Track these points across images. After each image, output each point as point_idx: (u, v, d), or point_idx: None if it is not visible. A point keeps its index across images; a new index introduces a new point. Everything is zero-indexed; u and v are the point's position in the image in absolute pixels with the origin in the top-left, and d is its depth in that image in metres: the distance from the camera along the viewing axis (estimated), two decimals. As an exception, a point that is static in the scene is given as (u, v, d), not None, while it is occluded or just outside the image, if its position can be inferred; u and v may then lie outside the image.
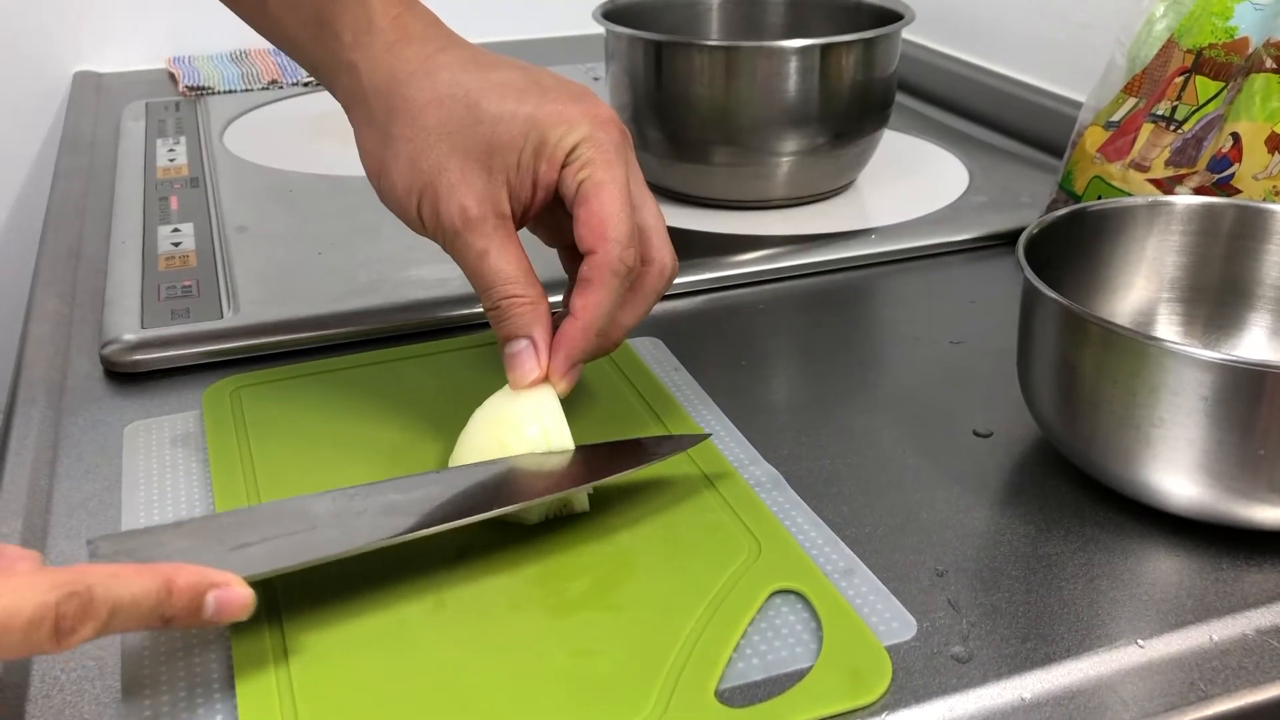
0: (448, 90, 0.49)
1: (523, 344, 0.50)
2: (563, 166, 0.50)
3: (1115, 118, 0.73)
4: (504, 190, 0.49)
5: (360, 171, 0.53)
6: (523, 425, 0.49)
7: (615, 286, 0.49)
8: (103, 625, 0.35)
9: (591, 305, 0.49)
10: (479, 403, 0.51)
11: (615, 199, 0.49)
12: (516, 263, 0.50)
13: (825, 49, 0.77)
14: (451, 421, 0.52)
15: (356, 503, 0.46)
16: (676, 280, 0.71)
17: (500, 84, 0.50)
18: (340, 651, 0.42)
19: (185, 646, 0.43)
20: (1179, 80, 0.71)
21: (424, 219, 0.50)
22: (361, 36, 0.50)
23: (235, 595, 0.39)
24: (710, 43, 0.78)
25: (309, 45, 0.53)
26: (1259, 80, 0.66)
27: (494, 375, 0.53)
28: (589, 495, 0.50)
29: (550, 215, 0.53)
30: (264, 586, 0.45)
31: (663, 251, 0.52)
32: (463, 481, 0.47)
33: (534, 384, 0.50)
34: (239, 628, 0.43)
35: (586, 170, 0.49)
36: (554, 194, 0.51)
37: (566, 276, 0.56)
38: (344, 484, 0.51)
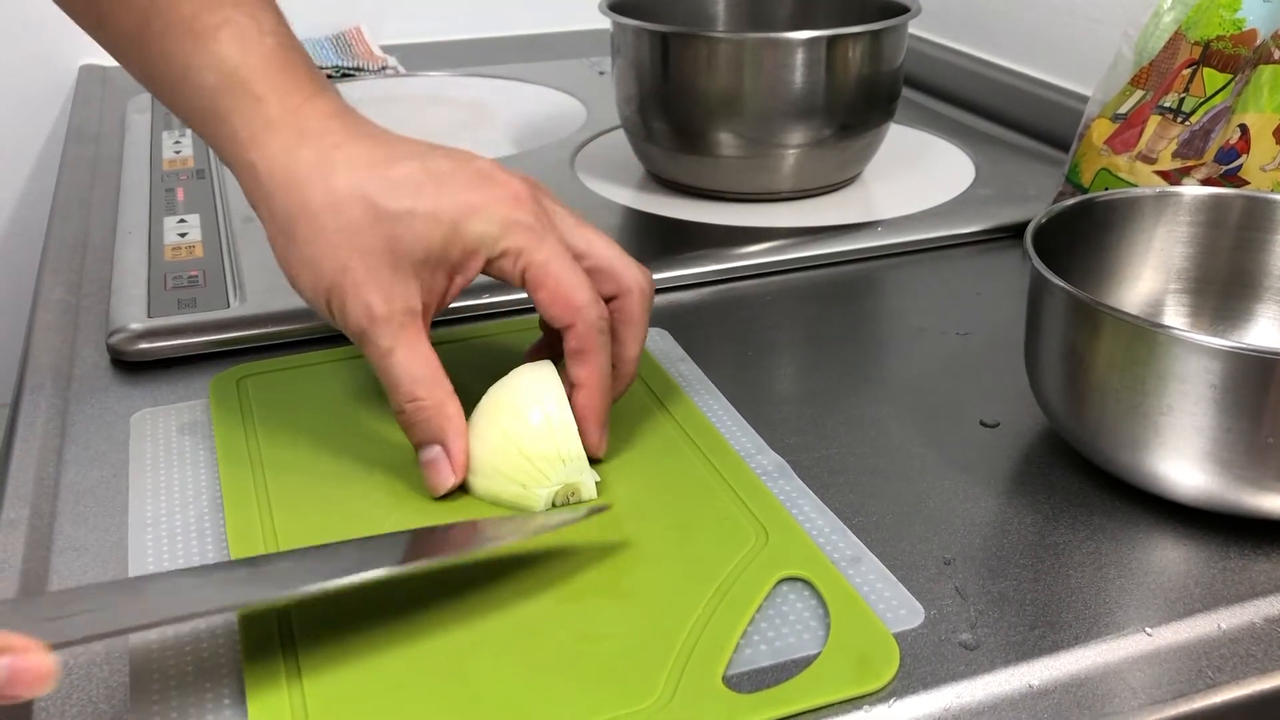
0: (345, 193, 0.48)
1: (434, 451, 0.49)
2: (492, 259, 0.49)
3: (1122, 110, 0.73)
4: (414, 285, 0.49)
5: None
6: (526, 411, 0.49)
7: (603, 344, 0.50)
8: None
9: (593, 371, 0.50)
10: (483, 392, 0.51)
11: (565, 271, 0.49)
12: (424, 363, 0.49)
13: (832, 41, 0.77)
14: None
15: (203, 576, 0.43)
16: (683, 272, 0.72)
17: (397, 181, 0.49)
18: (348, 638, 0.42)
19: (193, 637, 0.43)
20: (1186, 72, 0.71)
21: (333, 314, 0.50)
22: (258, 135, 0.50)
23: (33, 663, 0.34)
24: (717, 34, 0.78)
25: (209, 138, 0.52)
26: (1267, 72, 0.66)
27: (498, 365, 0.53)
28: (596, 483, 0.50)
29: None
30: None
31: (631, 274, 0.52)
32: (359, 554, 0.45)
33: (451, 489, 0.49)
34: (245, 617, 0.43)
35: (523, 258, 0.49)
36: (475, 277, 0.50)
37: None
38: (349, 472, 0.52)
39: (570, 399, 0.50)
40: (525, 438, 0.49)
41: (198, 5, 0.50)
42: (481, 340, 0.63)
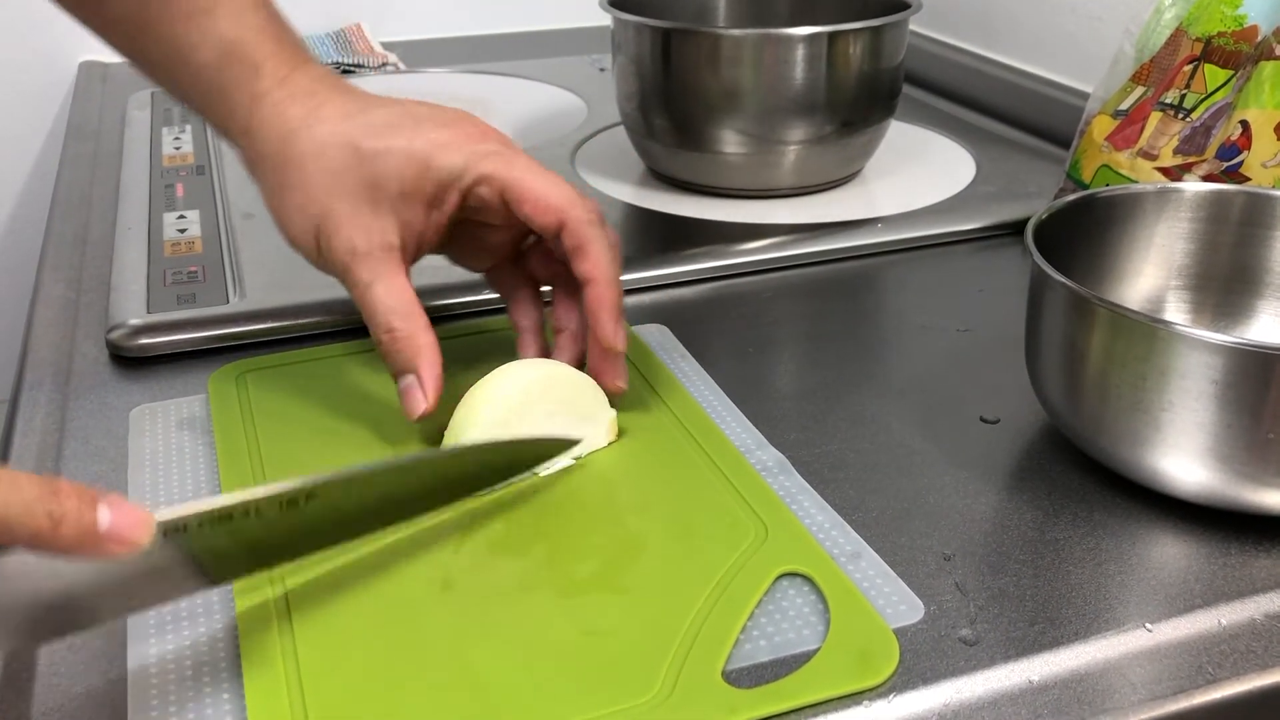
0: (329, 138, 0.52)
1: (409, 379, 0.52)
2: (469, 189, 0.52)
3: (1123, 106, 0.73)
4: (391, 222, 0.52)
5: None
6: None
7: (601, 235, 0.52)
8: None
9: (595, 263, 0.52)
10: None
11: (541, 179, 0.52)
12: (399, 295, 0.52)
13: (833, 37, 0.76)
14: (455, 406, 0.52)
15: None
16: (683, 268, 0.72)
17: (376, 124, 0.53)
18: (348, 632, 0.42)
19: (192, 633, 0.43)
20: (1188, 68, 0.70)
21: (320, 257, 0.53)
22: (255, 102, 0.53)
23: (131, 509, 0.36)
24: (717, 30, 0.78)
25: (209, 114, 0.55)
26: (1268, 68, 0.65)
27: (498, 360, 0.53)
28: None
29: (468, 239, 0.56)
30: (271, 572, 0.45)
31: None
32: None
33: (423, 416, 0.51)
34: (244, 611, 0.43)
35: (498, 178, 0.52)
36: (453, 214, 0.53)
37: (498, 295, 0.59)
38: (349, 462, 0.51)
39: (584, 299, 0.52)
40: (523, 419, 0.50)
41: None
42: (479, 337, 0.63)
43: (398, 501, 0.46)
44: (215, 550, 0.40)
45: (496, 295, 0.60)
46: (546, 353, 0.57)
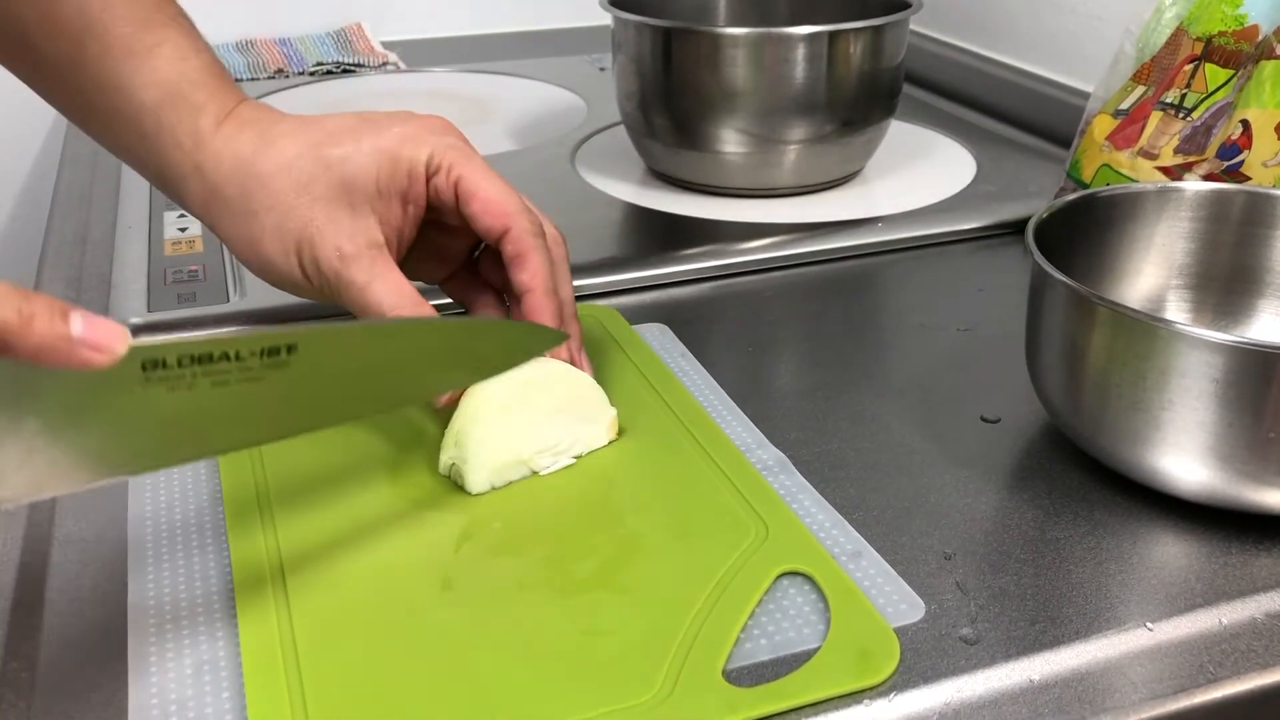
0: (292, 151, 0.52)
1: None
2: (429, 178, 0.52)
3: (1124, 106, 0.73)
4: (373, 220, 0.52)
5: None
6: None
7: (542, 246, 0.52)
8: None
9: (534, 273, 0.52)
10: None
11: (493, 183, 0.52)
12: (399, 289, 0.51)
13: (833, 36, 0.76)
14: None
15: None
16: (683, 267, 0.72)
17: (334, 130, 0.52)
18: (348, 631, 0.42)
19: (192, 630, 0.43)
20: (1188, 68, 0.70)
21: (308, 273, 0.52)
22: (201, 138, 0.52)
23: (106, 321, 0.35)
24: (718, 29, 0.78)
25: (149, 157, 0.53)
26: (1269, 67, 0.65)
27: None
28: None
29: (425, 245, 0.56)
30: (271, 566, 0.45)
31: (545, 220, 0.54)
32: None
33: (448, 404, 0.51)
34: (245, 609, 0.43)
35: (455, 170, 0.52)
36: (425, 209, 0.53)
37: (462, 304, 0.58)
38: (349, 461, 0.52)
39: (522, 309, 0.52)
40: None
41: (134, 26, 0.52)
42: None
43: (384, 372, 0.45)
44: (205, 409, 0.39)
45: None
46: None
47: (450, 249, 0.56)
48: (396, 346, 0.46)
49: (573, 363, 0.53)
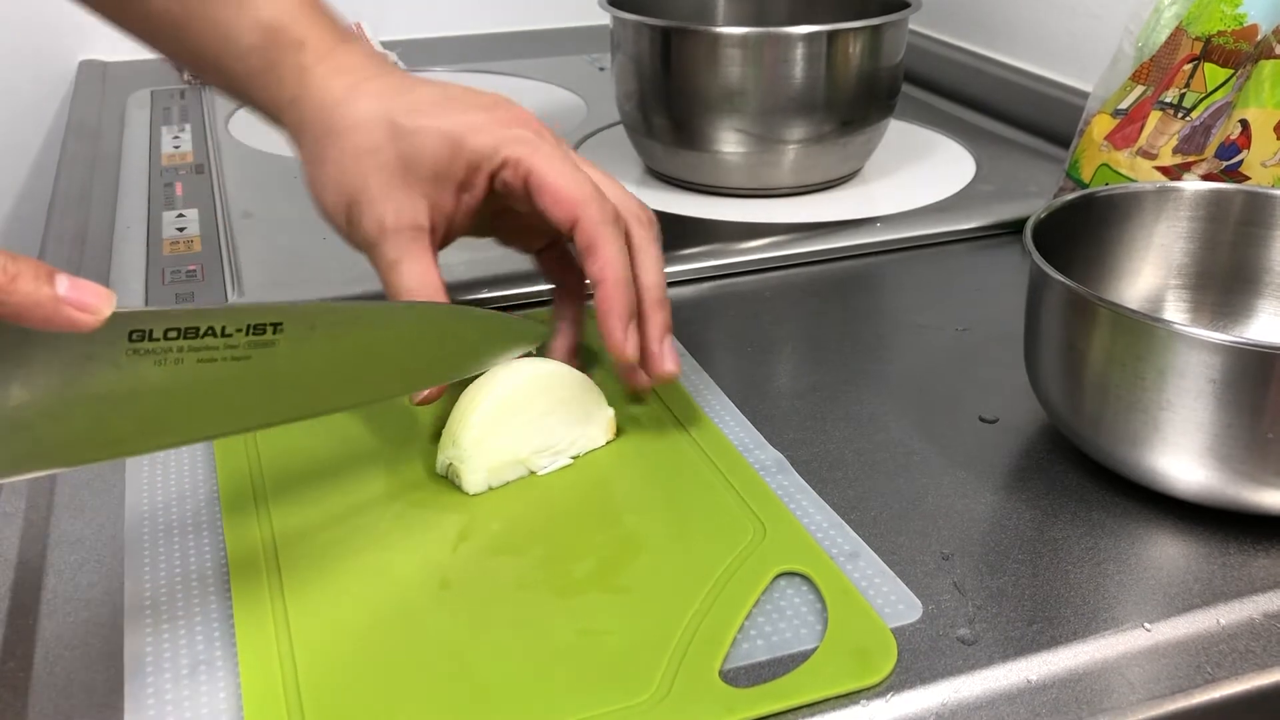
0: (368, 114, 0.52)
1: None
2: (496, 172, 0.52)
3: (1123, 105, 0.73)
4: (423, 203, 0.52)
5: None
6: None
7: (614, 235, 0.51)
8: None
9: (606, 264, 0.50)
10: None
11: (565, 171, 0.51)
12: (423, 278, 0.52)
13: (832, 36, 0.76)
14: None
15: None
16: (682, 267, 0.71)
17: (414, 103, 0.53)
18: (345, 631, 0.42)
19: (188, 629, 0.43)
20: (1187, 68, 0.70)
21: (351, 231, 0.53)
22: (301, 75, 0.54)
23: (91, 284, 0.35)
24: (717, 29, 0.78)
25: (254, 95, 0.56)
26: (1268, 67, 0.65)
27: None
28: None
29: (513, 219, 0.56)
30: (268, 567, 0.45)
31: (626, 206, 0.53)
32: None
33: (424, 403, 0.52)
34: (241, 609, 0.43)
35: (523, 165, 0.51)
36: (482, 200, 0.53)
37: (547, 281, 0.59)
38: (347, 462, 0.52)
39: (595, 302, 0.52)
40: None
41: None
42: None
43: (367, 357, 0.45)
44: (192, 387, 0.39)
45: (508, 292, 0.60)
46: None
47: (542, 224, 0.55)
48: (378, 330, 0.46)
49: (646, 355, 0.52)
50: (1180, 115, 0.70)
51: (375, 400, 0.48)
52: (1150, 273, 0.58)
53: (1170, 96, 0.71)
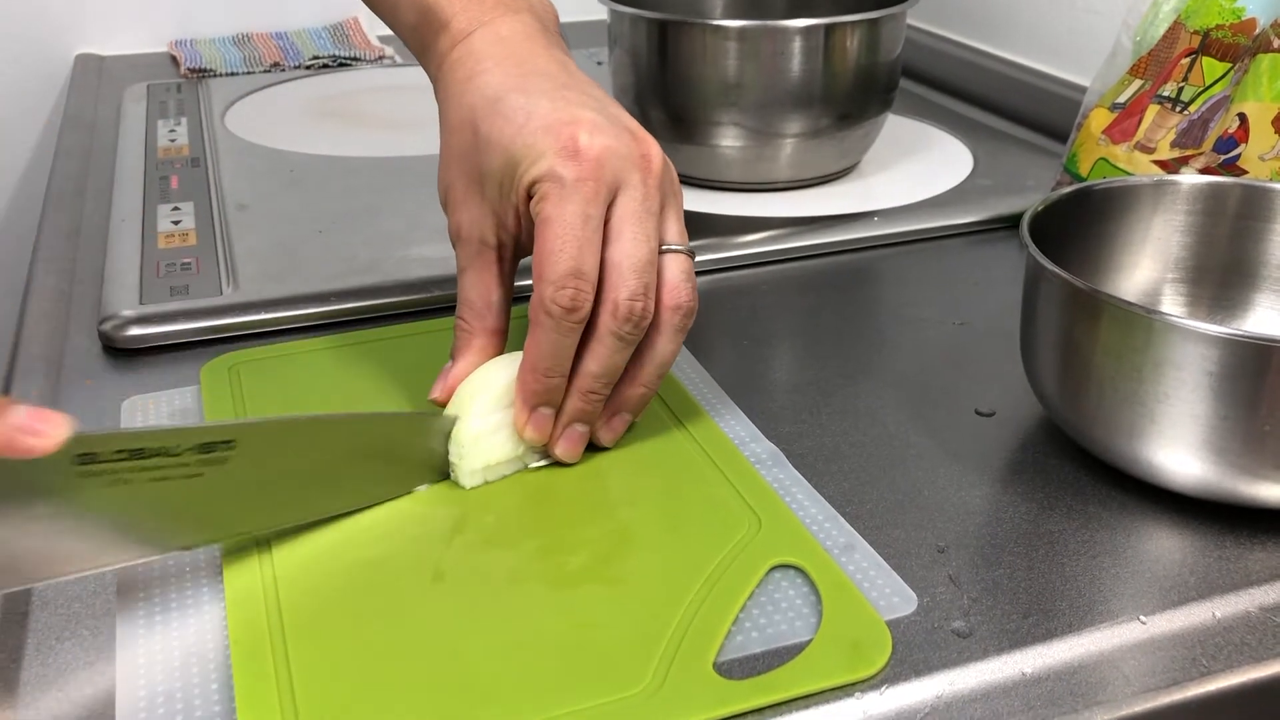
0: (464, 116, 0.52)
1: (449, 364, 0.53)
2: (528, 200, 0.49)
3: (1121, 99, 0.73)
4: (490, 220, 0.52)
5: (359, 153, 0.53)
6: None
7: (550, 326, 0.48)
8: None
9: (530, 344, 0.49)
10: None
11: (556, 236, 0.47)
12: (480, 292, 0.52)
13: (830, 29, 0.76)
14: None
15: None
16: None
17: (500, 111, 0.50)
18: (339, 623, 0.42)
19: (180, 622, 0.43)
20: (1185, 61, 0.70)
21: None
22: (441, 62, 0.54)
23: (48, 411, 0.36)
24: (714, 22, 0.78)
25: (423, 67, 0.57)
26: (1266, 60, 0.65)
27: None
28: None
29: None
30: (261, 558, 0.45)
31: (618, 289, 0.48)
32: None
33: (435, 401, 0.53)
34: (235, 601, 0.43)
35: (539, 206, 0.48)
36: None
37: None
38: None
39: None
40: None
41: None
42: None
43: (326, 475, 0.46)
44: (148, 505, 0.39)
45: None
46: None
47: None
48: (335, 443, 0.46)
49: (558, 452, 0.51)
50: (1178, 109, 0.70)
51: (338, 511, 0.47)
52: (1147, 266, 0.58)
53: (1168, 90, 0.70)
